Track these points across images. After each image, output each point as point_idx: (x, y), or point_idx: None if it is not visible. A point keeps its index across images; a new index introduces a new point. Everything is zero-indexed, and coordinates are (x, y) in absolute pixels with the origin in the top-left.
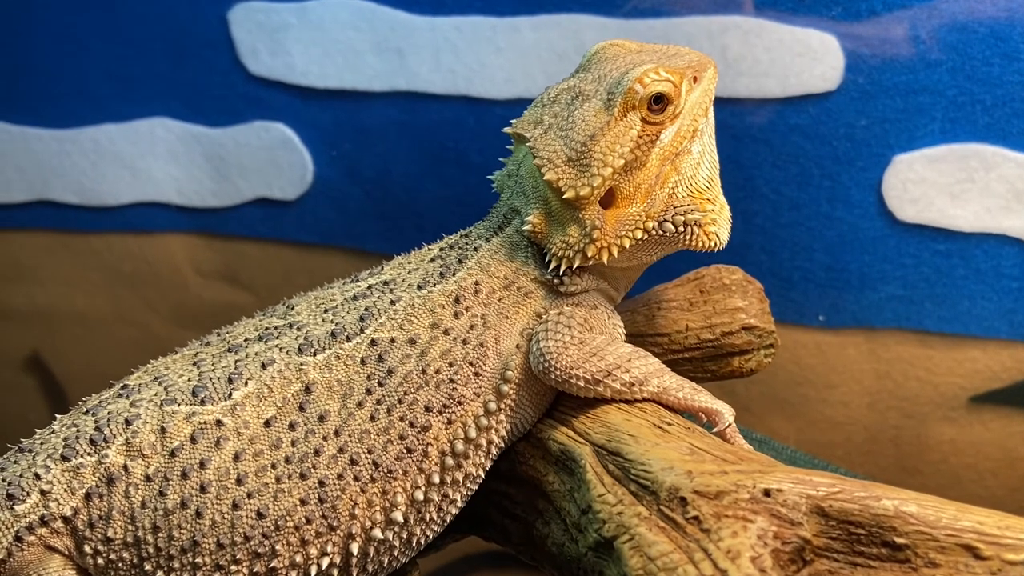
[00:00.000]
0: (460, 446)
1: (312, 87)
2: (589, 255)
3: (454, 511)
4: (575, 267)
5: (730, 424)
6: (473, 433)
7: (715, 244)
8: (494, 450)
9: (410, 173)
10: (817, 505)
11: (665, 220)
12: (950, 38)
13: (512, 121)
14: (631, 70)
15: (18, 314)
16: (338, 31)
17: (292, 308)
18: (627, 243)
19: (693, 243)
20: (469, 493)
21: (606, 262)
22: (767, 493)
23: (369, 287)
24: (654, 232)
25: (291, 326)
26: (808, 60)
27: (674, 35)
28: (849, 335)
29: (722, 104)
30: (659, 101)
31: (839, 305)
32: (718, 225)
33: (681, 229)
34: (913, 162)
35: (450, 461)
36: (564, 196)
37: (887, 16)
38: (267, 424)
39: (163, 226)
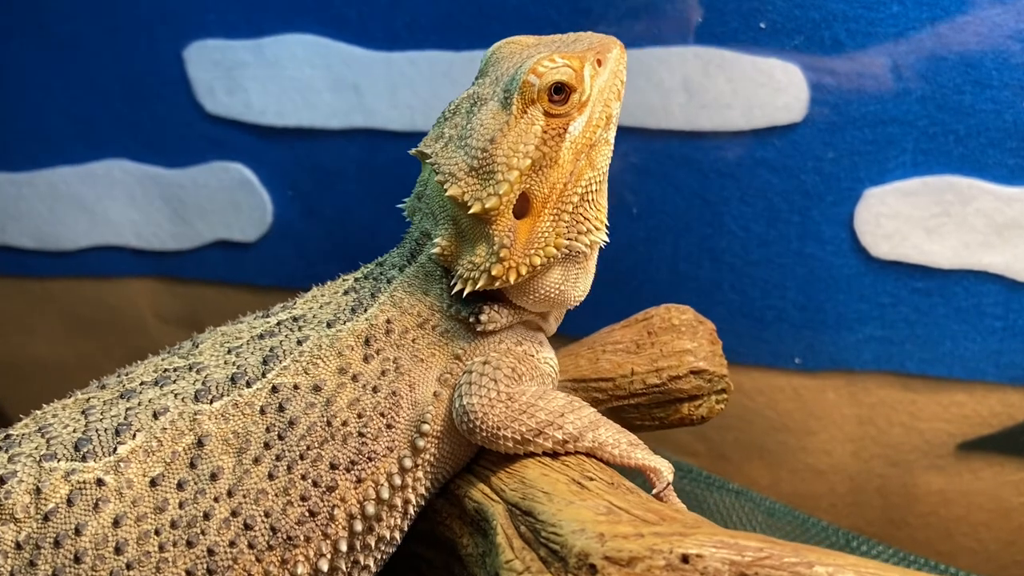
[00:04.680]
0: (371, 508)
1: (270, 126)
2: (495, 274)
3: None
4: (479, 288)
5: (668, 483)
6: (386, 493)
7: (581, 294)
8: (412, 510)
9: (370, 212)
10: (742, 572)
11: (576, 236)
12: (919, 66)
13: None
14: (525, 62)
15: None
16: (294, 68)
17: (196, 346)
18: (538, 261)
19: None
20: (384, 558)
21: (512, 282)
22: (685, 559)
23: (278, 324)
24: (564, 249)
25: (191, 368)
26: (771, 91)
27: (632, 66)
28: (828, 378)
29: (685, 138)
30: (560, 91)
31: (815, 346)
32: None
33: (586, 251)
34: (885, 196)
35: (359, 525)
36: (471, 211)
37: (852, 44)
38: (153, 483)
39: (122, 270)
